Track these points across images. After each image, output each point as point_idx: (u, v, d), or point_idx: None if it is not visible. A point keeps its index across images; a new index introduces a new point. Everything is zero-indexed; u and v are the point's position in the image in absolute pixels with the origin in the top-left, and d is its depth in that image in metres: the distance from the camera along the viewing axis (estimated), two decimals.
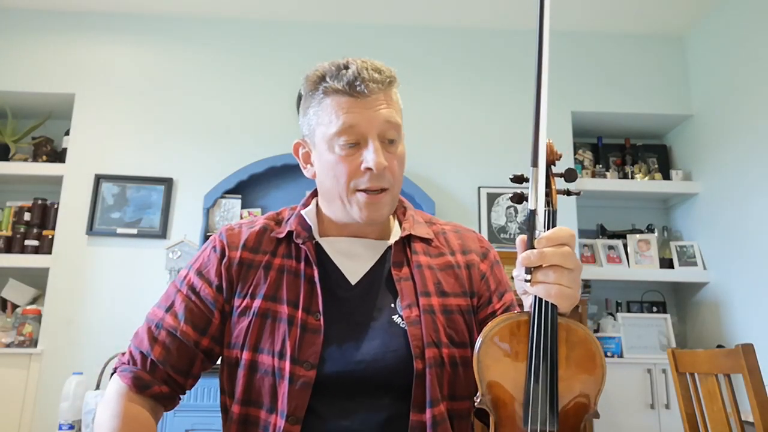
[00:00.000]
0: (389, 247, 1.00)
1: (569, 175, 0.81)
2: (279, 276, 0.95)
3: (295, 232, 0.98)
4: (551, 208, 0.80)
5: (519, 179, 0.83)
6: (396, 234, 1.02)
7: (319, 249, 0.99)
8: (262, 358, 0.90)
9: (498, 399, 0.79)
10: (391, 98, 0.93)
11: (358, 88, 0.89)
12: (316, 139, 0.95)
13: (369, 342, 0.90)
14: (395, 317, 0.92)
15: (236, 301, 0.95)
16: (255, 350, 0.90)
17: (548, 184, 0.81)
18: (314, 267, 0.94)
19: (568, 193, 0.85)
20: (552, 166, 0.82)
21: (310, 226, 0.99)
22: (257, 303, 0.92)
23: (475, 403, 0.81)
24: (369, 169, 0.90)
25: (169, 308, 0.95)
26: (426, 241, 1.02)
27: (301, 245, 0.97)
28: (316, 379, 0.87)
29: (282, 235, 0.99)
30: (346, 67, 0.90)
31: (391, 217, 1.06)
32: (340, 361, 0.88)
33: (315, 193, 1.05)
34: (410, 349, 0.88)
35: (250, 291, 0.94)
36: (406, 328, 0.90)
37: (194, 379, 0.96)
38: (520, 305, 0.86)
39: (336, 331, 0.91)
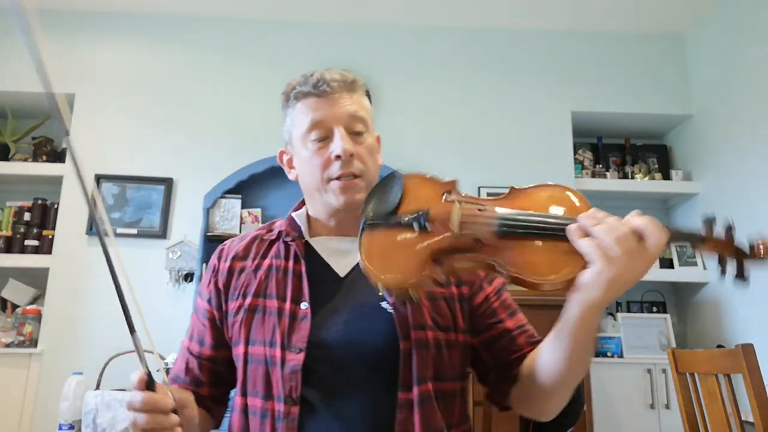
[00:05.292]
0: None
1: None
2: (268, 274, 1.00)
3: (284, 232, 1.03)
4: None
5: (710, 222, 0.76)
6: None
7: (308, 248, 1.03)
8: (255, 350, 0.94)
9: None
10: (356, 100, 1.01)
11: (320, 87, 0.98)
12: (294, 141, 1.02)
13: (356, 325, 0.93)
14: (383, 304, 0.95)
15: (230, 305, 1.00)
16: (248, 343, 0.95)
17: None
18: (302, 262, 0.99)
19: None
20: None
21: (300, 226, 1.04)
22: (248, 300, 0.98)
23: None
24: (338, 156, 0.95)
25: (189, 332, 1.07)
26: None
27: (290, 243, 1.02)
28: (306, 364, 0.90)
29: (273, 237, 1.05)
30: (312, 75, 1.00)
31: None
32: (329, 343, 0.91)
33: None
34: (396, 331, 0.91)
35: (241, 292, 1.00)
36: (393, 312, 0.93)
37: (222, 387, 1.05)
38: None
39: (323, 316, 0.94)
